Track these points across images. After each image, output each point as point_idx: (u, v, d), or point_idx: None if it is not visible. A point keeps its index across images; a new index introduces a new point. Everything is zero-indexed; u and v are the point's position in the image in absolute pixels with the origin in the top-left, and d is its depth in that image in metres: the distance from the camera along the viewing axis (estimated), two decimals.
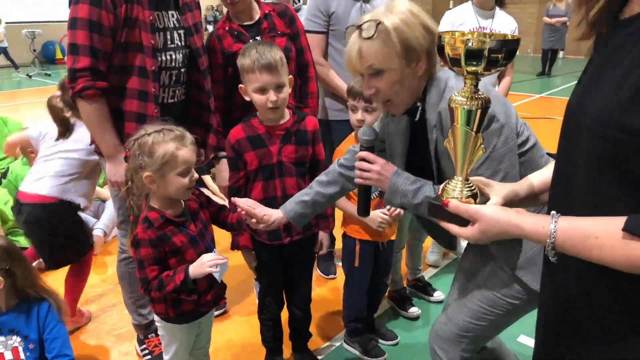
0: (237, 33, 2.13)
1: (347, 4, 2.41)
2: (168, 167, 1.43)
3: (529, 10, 13.47)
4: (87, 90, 1.72)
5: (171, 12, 1.89)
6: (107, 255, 3.14)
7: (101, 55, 1.73)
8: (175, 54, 1.90)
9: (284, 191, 1.79)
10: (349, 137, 2.04)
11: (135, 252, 1.47)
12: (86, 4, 1.68)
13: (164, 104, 1.92)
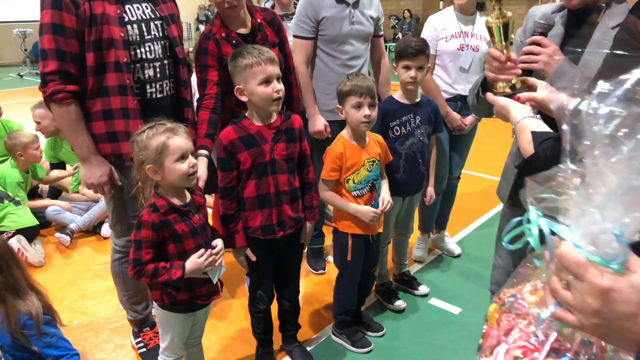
0: (235, 42, 2.16)
1: (336, 9, 2.51)
2: (164, 156, 1.53)
3: (517, 11, 13.60)
4: (58, 94, 1.76)
5: (144, 5, 1.91)
6: (102, 252, 3.21)
7: (69, 57, 1.76)
8: (154, 44, 1.91)
9: (277, 187, 1.87)
10: (339, 136, 2.12)
11: (136, 232, 1.56)
12: (49, 9, 1.74)
13: (153, 99, 1.94)
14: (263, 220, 1.88)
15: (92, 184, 1.90)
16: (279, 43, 2.31)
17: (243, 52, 1.78)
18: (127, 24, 1.83)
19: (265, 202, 1.87)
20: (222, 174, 1.84)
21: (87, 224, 3.42)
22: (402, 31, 13.49)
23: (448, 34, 2.70)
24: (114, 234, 2.14)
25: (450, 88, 2.77)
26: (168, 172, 1.55)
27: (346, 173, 2.06)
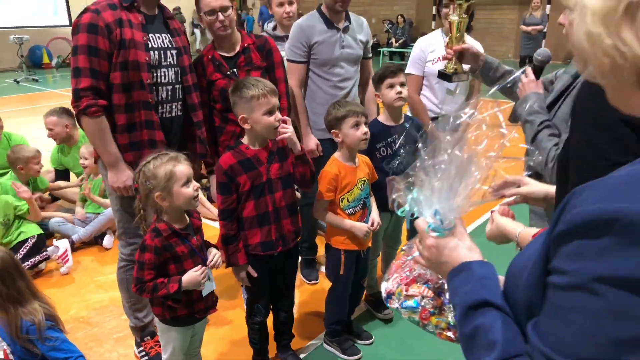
0: (217, 63, 2.39)
1: (327, 34, 2.65)
2: (172, 182, 1.68)
3: (509, 16, 13.85)
4: (90, 107, 1.97)
5: (164, 35, 2.16)
6: (105, 264, 3.34)
7: (100, 76, 1.98)
8: (169, 70, 2.16)
9: (274, 205, 2.02)
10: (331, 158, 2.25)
11: (140, 254, 1.70)
12: (84, 33, 1.95)
13: (164, 118, 2.17)
14: (263, 237, 2.02)
15: (119, 187, 2.10)
16: (266, 66, 2.47)
17: (247, 83, 1.92)
18: (150, 50, 2.06)
19: (264, 220, 2.01)
20: (223, 197, 1.96)
21: (89, 236, 3.54)
22: (396, 36, 13.65)
23: (435, 57, 2.84)
24: (120, 244, 2.31)
25: (437, 108, 2.91)
26: (176, 197, 1.69)
27: (341, 193, 2.19)
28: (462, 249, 0.83)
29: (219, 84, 2.42)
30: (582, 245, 0.55)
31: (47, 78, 12.14)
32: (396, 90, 2.35)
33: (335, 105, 2.19)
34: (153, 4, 2.15)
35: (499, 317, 0.68)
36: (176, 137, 2.29)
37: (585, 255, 0.55)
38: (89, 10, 1.99)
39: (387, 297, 1.13)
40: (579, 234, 0.55)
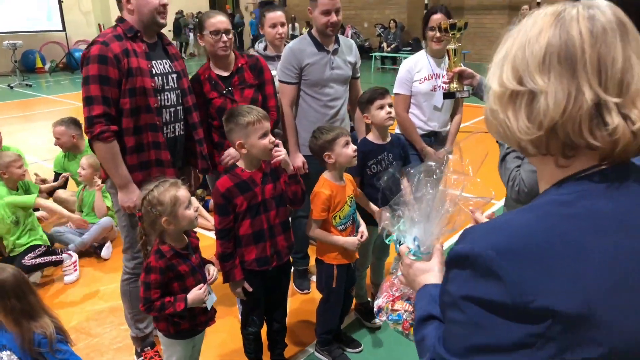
0: (214, 82, 2.59)
1: (317, 57, 2.78)
2: (177, 207, 1.81)
3: (499, 21, 14.05)
4: (104, 133, 2.11)
5: (165, 61, 2.31)
6: (104, 275, 3.45)
7: (111, 103, 2.12)
8: (171, 94, 2.31)
9: (269, 223, 2.15)
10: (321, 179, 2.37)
11: (145, 276, 1.83)
12: (95, 64, 2.09)
13: (168, 138, 2.32)
14: (258, 253, 2.15)
15: (129, 207, 2.23)
16: (258, 84, 2.68)
17: (242, 111, 2.06)
18: (154, 76, 2.21)
19: (260, 237, 2.14)
20: (220, 217, 2.08)
21: (85, 244, 3.66)
22: (387, 41, 13.79)
23: (421, 77, 2.98)
24: (125, 257, 2.44)
25: (425, 125, 3.06)
26: (181, 219, 1.83)
27: (333, 211, 2.32)
28: (429, 272, 1.02)
29: (216, 102, 2.60)
30: (455, 273, 0.72)
31: (40, 83, 12.18)
32: (386, 110, 2.49)
33: (321, 130, 2.32)
34: (154, 34, 2.30)
35: (440, 327, 0.82)
36: (179, 154, 2.44)
37: (456, 280, 0.72)
38: (97, 42, 2.12)
39: (378, 311, 1.36)
40: (453, 264, 0.72)
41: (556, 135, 0.69)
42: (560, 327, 0.62)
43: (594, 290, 0.63)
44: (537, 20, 0.73)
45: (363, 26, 16.48)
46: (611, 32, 0.68)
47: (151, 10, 2.19)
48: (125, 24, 2.20)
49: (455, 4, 14.67)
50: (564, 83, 0.67)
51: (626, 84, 0.66)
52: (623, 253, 0.65)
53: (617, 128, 0.65)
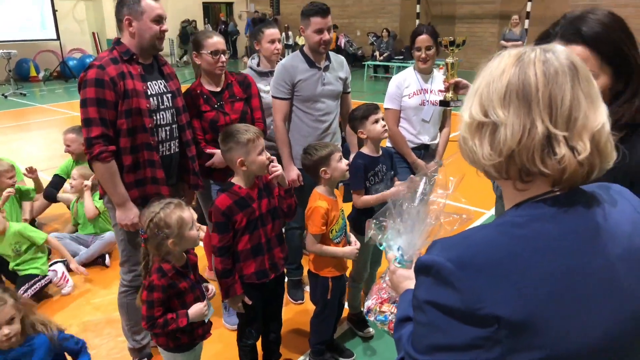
0: (206, 97, 2.71)
1: (309, 73, 2.87)
2: (183, 228, 1.87)
3: (490, 30, 14.24)
4: (102, 153, 2.18)
5: (160, 81, 2.39)
6: (100, 286, 3.50)
7: (109, 124, 2.19)
8: (166, 113, 2.39)
9: (266, 236, 2.23)
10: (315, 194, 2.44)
11: (148, 294, 1.87)
12: (92, 87, 2.16)
13: (164, 156, 2.40)
14: (257, 266, 2.22)
15: (126, 225, 2.30)
16: (245, 98, 2.82)
17: (240, 130, 2.14)
18: (150, 97, 2.28)
19: (258, 251, 2.21)
20: (220, 235, 2.12)
21: (90, 257, 3.72)
22: (380, 49, 13.93)
23: (410, 92, 3.08)
24: (122, 270, 2.50)
25: (415, 138, 3.15)
26: (187, 240, 1.88)
27: (330, 225, 2.39)
28: (410, 279, 1.14)
29: (208, 115, 2.70)
30: (420, 280, 0.82)
31: (34, 92, 12.20)
32: (381, 124, 2.59)
33: (314, 147, 2.38)
34: (149, 56, 2.37)
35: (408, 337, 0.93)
36: (174, 171, 2.51)
37: (421, 286, 0.81)
38: (94, 66, 2.18)
39: (367, 311, 1.50)
40: (419, 272, 0.82)
41: (514, 162, 0.79)
42: (506, 332, 0.72)
43: (535, 302, 0.73)
44: (501, 61, 0.83)
45: (356, 35, 16.64)
46: (562, 75, 0.77)
47: (152, 36, 2.27)
48: (122, 46, 2.28)
49: (447, 13, 14.88)
50: (521, 117, 0.77)
51: (573, 120, 0.76)
52: (562, 271, 0.75)
53: (564, 157, 0.76)
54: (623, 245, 0.79)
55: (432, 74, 3.13)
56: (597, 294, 0.75)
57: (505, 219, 0.81)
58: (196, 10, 18.30)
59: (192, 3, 18.09)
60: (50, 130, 8.37)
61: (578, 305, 0.74)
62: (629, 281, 0.78)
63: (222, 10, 19.66)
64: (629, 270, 0.79)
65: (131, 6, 2.23)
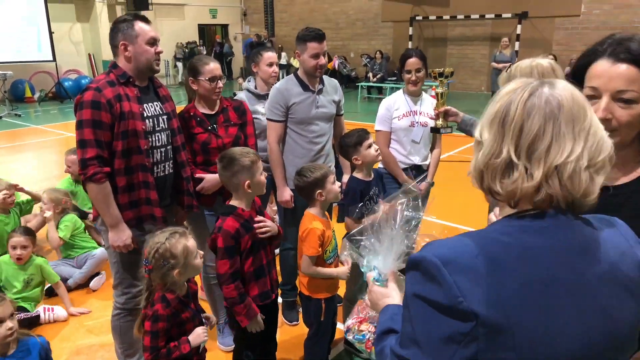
0: (199, 119, 2.74)
1: (303, 96, 2.93)
2: (189, 258, 1.88)
3: (481, 51, 14.49)
4: (97, 174, 2.19)
5: (156, 104, 2.43)
6: (94, 308, 3.48)
7: (104, 145, 2.21)
8: (161, 134, 2.42)
9: (267, 257, 2.27)
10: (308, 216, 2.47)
11: (152, 325, 1.85)
12: (89, 109, 2.19)
13: (158, 177, 2.42)
14: (260, 288, 2.24)
15: (119, 247, 2.30)
16: (241, 124, 2.85)
17: (242, 153, 2.19)
18: (145, 119, 2.32)
19: (260, 272, 2.24)
20: (231, 260, 2.12)
21: (84, 278, 3.70)
22: (373, 71, 14.12)
23: (400, 114, 3.15)
24: (116, 293, 2.49)
25: (406, 159, 3.20)
26: (192, 269, 1.90)
27: (324, 246, 2.41)
28: (388, 297, 1.21)
29: (201, 137, 2.72)
30: (410, 275, 0.88)
31: (29, 113, 12.23)
32: (374, 148, 2.64)
33: (309, 169, 2.41)
34: (145, 78, 2.41)
35: (398, 337, 0.96)
36: (168, 192, 2.53)
37: (410, 281, 0.87)
38: (90, 88, 2.22)
39: (346, 330, 1.55)
40: (410, 267, 0.88)
41: (482, 179, 0.89)
42: (483, 330, 0.78)
43: (511, 306, 0.78)
44: (506, 89, 0.90)
45: (350, 56, 16.87)
46: (538, 111, 0.83)
47: (148, 59, 2.31)
48: (119, 69, 2.32)
49: (439, 36, 15.15)
50: (496, 140, 0.86)
51: (533, 151, 0.83)
52: (540, 280, 0.80)
53: (516, 180, 0.84)
54: (606, 267, 0.84)
55: (421, 97, 3.20)
56: (572, 306, 0.80)
57: (495, 227, 0.88)
58: (192, 32, 18.51)
59: (188, 25, 18.31)
60: (45, 151, 8.38)
61: (552, 314, 0.79)
62: (605, 301, 0.83)
63: (217, 32, 19.92)
64: (608, 292, 0.84)
65: (125, 31, 2.28)
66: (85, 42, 15.81)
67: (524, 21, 12.97)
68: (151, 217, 2.37)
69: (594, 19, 12.34)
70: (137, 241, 2.34)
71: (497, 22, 13.70)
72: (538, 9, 12.85)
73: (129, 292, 2.41)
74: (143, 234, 2.35)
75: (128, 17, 2.33)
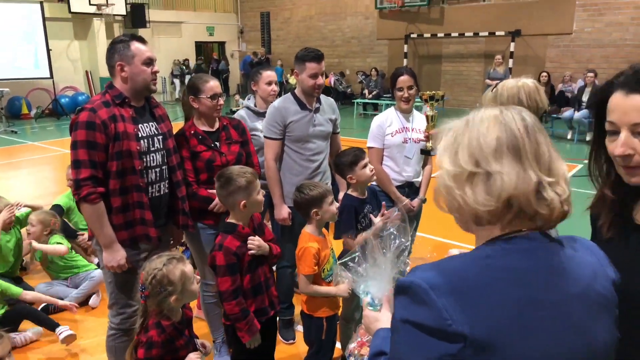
0: (201, 137, 2.73)
1: (300, 115, 2.96)
2: (187, 284, 1.88)
3: (475, 69, 14.65)
4: (90, 195, 2.19)
5: (151, 124, 2.43)
6: (88, 328, 3.45)
7: (98, 166, 2.21)
8: (156, 155, 2.42)
9: (265, 275, 2.28)
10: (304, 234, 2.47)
11: (146, 352, 1.84)
12: (83, 129, 2.20)
13: (153, 197, 2.41)
14: (257, 305, 2.25)
15: (113, 267, 2.29)
16: (242, 141, 2.87)
17: (238, 173, 2.20)
18: (140, 139, 2.32)
19: (258, 290, 2.24)
20: (232, 277, 2.14)
21: (82, 296, 3.67)
22: (369, 87, 14.24)
23: (393, 130, 3.18)
24: (111, 313, 2.47)
25: (399, 176, 3.23)
26: (189, 294, 1.89)
27: (321, 265, 2.41)
28: (379, 321, 1.25)
29: (205, 155, 2.71)
30: (399, 299, 0.89)
31: (25, 129, 12.23)
32: (369, 167, 2.66)
33: (308, 187, 2.43)
34: (142, 98, 2.43)
35: None
36: (163, 211, 2.53)
37: (399, 305, 0.89)
38: (86, 109, 2.24)
39: (348, 355, 1.62)
40: (398, 292, 0.90)
41: (510, 206, 0.87)
42: (471, 350, 0.80)
43: (497, 325, 0.81)
44: (483, 118, 0.92)
45: (346, 73, 17.01)
46: (534, 129, 0.90)
47: (145, 79, 2.33)
48: (114, 90, 2.33)
49: (433, 53, 15.32)
50: (515, 167, 0.87)
51: (553, 168, 0.88)
52: (524, 300, 0.83)
53: (552, 200, 0.87)
54: (582, 286, 0.88)
55: (412, 113, 3.24)
56: (554, 325, 0.84)
57: (480, 251, 0.90)
58: (189, 49, 18.66)
59: (185, 42, 18.46)
60: (41, 167, 8.37)
61: (535, 332, 0.82)
62: (583, 318, 0.87)
63: (214, 49, 20.09)
64: (584, 309, 0.88)
65: (122, 52, 2.30)
66: (83, 60, 15.89)
67: (517, 39, 13.14)
68: (146, 237, 2.37)
69: (586, 37, 12.52)
70: (131, 261, 2.33)
71: (491, 39, 13.88)
72: (531, 27, 13.03)
73: (124, 313, 2.40)
74: (138, 253, 2.36)
75: (125, 37, 2.36)
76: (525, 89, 1.99)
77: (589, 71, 9.85)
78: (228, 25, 19.96)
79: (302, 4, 17.98)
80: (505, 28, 13.27)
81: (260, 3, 19.22)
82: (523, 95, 1.98)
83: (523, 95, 1.99)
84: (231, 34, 20.19)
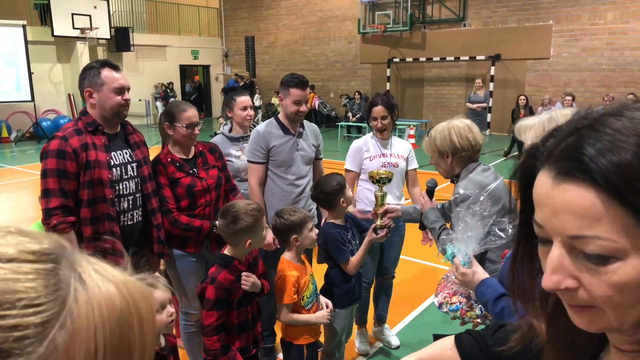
0: (179, 164, 2.67)
1: (283, 139, 2.95)
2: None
3: (457, 92, 14.92)
4: (60, 224, 2.13)
5: (125, 151, 2.38)
6: None
7: (69, 195, 2.16)
8: (130, 182, 2.37)
9: (252, 312, 2.25)
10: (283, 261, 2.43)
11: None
12: (54, 158, 2.15)
13: (125, 226, 2.35)
14: (242, 343, 2.20)
15: None
16: (220, 166, 2.83)
17: (246, 210, 2.15)
18: (112, 167, 2.28)
19: (244, 327, 2.20)
20: (219, 312, 2.09)
21: None
22: (352, 111, 14.38)
23: (371, 155, 3.19)
24: None
25: None
26: None
27: (301, 292, 2.37)
28: (477, 273, 1.57)
29: (185, 181, 2.66)
30: None
31: (4, 153, 12.03)
32: (350, 190, 2.66)
33: (288, 212, 2.40)
34: (115, 125, 2.39)
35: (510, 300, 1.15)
36: (135, 240, 2.47)
37: None
38: (57, 137, 2.20)
39: (439, 306, 1.82)
40: None
41: None
42: None
43: None
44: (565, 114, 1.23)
45: (329, 96, 17.18)
46: None
47: (113, 107, 2.29)
48: (88, 117, 2.30)
49: (416, 76, 15.59)
50: None
51: None
52: None
53: None
54: None
55: (390, 140, 3.24)
56: None
57: None
58: (173, 72, 18.68)
59: (169, 66, 18.48)
60: (19, 192, 8.21)
61: None
62: None
63: (199, 72, 20.15)
64: None
65: (91, 79, 2.28)
66: (65, 82, 15.78)
67: (498, 63, 13.46)
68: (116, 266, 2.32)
69: (562, 62, 12.88)
70: None
71: (472, 64, 14.18)
72: (510, 52, 13.38)
73: None
74: None
75: (95, 64, 2.33)
76: (455, 129, 2.06)
77: (567, 95, 10.11)
78: (213, 49, 20.08)
79: (286, 28, 18.21)
80: (485, 52, 13.60)
81: (244, 27, 19.42)
82: (454, 136, 2.04)
83: (454, 136, 2.05)
84: (216, 57, 20.31)
